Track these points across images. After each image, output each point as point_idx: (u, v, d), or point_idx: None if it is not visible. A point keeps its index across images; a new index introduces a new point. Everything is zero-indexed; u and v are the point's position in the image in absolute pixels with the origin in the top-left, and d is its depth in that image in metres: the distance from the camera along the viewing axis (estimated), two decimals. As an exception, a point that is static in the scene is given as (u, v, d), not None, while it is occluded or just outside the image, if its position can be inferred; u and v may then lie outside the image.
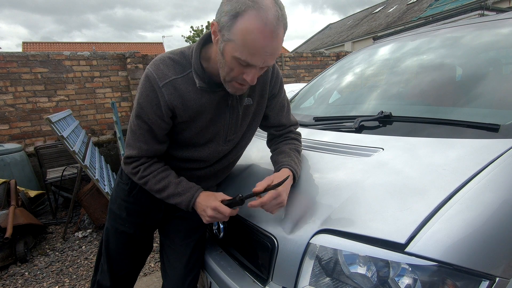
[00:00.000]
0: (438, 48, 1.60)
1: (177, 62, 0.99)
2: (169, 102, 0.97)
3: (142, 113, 0.99)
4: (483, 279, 0.66)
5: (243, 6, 0.79)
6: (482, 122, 0.99)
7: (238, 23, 0.79)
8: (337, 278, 0.79)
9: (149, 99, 0.97)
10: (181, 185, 1.06)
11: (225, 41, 0.83)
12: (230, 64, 0.87)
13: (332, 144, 1.18)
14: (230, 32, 0.81)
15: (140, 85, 0.99)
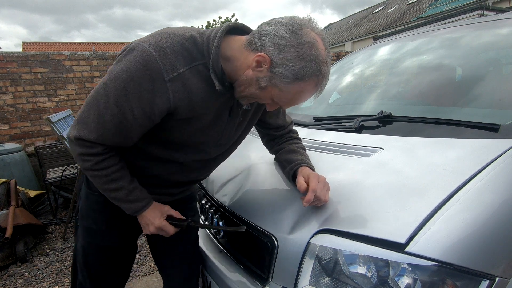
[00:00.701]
0: (438, 48, 1.60)
1: (187, 50, 0.84)
2: (173, 102, 0.83)
3: (125, 104, 0.80)
4: (483, 279, 0.66)
5: (310, 74, 0.79)
6: (482, 122, 0.99)
7: (297, 84, 0.81)
8: (337, 278, 0.79)
9: (144, 92, 0.80)
10: (134, 193, 0.96)
11: (273, 84, 0.81)
12: (262, 96, 0.86)
13: (332, 144, 1.18)
14: (284, 85, 0.81)
15: (133, 66, 0.78)
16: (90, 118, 0.84)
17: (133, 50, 0.80)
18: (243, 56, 0.83)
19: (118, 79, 0.79)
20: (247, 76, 0.84)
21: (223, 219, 1.18)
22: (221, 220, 1.18)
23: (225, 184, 1.26)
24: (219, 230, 1.21)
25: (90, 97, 0.85)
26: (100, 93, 0.82)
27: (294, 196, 0.98)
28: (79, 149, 0.88)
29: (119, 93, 0.80)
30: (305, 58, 0.78)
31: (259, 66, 0.81)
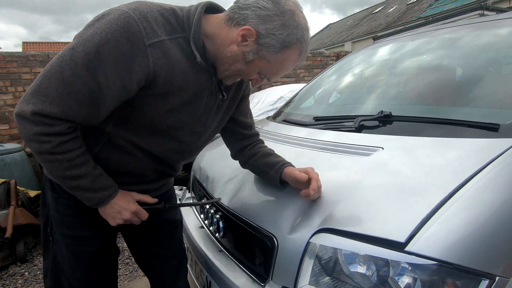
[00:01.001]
0: (438, 48, 1.60)
1: (167, 20, 0.80)
2: (152, 69, 0.77)
3: (98, 69, 0.72)
4: (483, 278, 0.66)
5: (296, 40, 0.81)
6: (482, 122, 0.99)
7: (284, 53, 0.82)
8: (337, 277, 0.79)
9: (121, 56, 0.73)
10: (99, 180, 0.85)
11: (260, 56, 0.82)
12: (249, 71, 0.86)
13: (332, 143, 1.18)
14: (272, 56, 0.82)
15: (109, 28, 0.72)
16: (51, 89, 0.72)
17: (108, 14, 0.74)
18: (224, 32, 0.82)
19: (89, 42, 0.71)
20: (231, 52, 0.82)
21: (224, 219, 1.18)
22: (220, 220, 1.19)
23: (225, 183, 1.26)
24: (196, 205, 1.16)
25: (50, 65, 0.73)
26: (65, 59, 0.72)
27: (294, 195, 0.98)
28: (36, 127, 0.74)
29: (91, 57, 0.71)
30: (290, 25, 0.79)
31: (245, 40, 0.80)
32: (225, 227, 1.18)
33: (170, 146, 0.95)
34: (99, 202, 0.87)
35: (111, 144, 0.89)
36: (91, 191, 0.85)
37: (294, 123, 1.60)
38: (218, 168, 1.42)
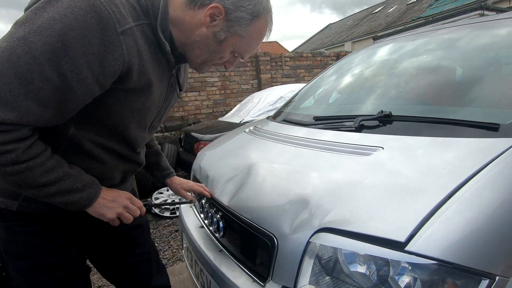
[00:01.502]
0: (438, 48, 1.60)
1: (131, 4, 0.72)
2: (127, 60, 0.69)
3: (64, 60, 0.62)
4: (483, 278, 0.66)
5: (263, 10, 0.80)
6: (482, 122, 0.99)
7: (254, 24, 0.80)
8: (337, 277, 0.79)
9: (90, 46, 0.63)
10: (80, 178, 0.76)
11: (232, 33, 0.79)
12: (223, 51, 0.83)
13: (332, 143, 1.18)
14: (244, 29, 0.79)
15: (71, 12, 0.61)
16: (3, 90, 0.60)
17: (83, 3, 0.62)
18: (189, 16, 0.77)
19: (47, 30, 0.60)
20: (201, 36, 0.78)
21: (223, 219, 1.18)
22: (221, 219, 1.19)
23: (225, 183, 1.26)
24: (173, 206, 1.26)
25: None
26: (16, 52, 0.59)
27: (293, 195, 0.98)
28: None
29: (53, 48, 0.61)
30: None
31: (213, 19, 0.77)
32: (225, 227, 1.18)
33: (130, 139, 0.87)
34: (88, 201, 0.77)
35: (74, 150, 0.78)
36: (75, 192, 0.74)
37: (294, 123, 1.60)
38: (218, 168, 1.42)
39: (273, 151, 1.33)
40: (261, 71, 7.17)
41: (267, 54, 7.29)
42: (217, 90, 6.83)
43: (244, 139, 1.60)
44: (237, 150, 1.52)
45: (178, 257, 2.57)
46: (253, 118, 4.00)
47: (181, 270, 2.34)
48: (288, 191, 1.01)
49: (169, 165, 1.24)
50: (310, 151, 1.18)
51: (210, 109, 6.83)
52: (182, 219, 1.58)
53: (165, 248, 2.75)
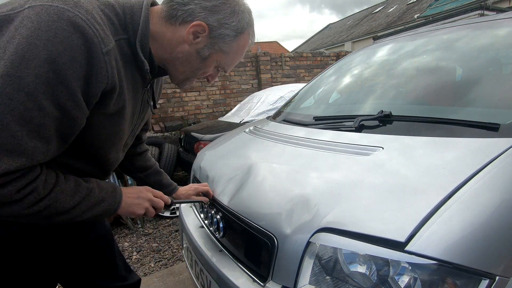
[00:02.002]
0: (438, 48, 1.60)
1: (109, 19, 0.68)
2: (111, 81, 0.65)
3: (58, 90, 0.58)
4: (483, 278, 0.66)
5: (246, 25, 0.79)
6: (482, 122, 0.99)
7: (238, 40, 0.79)
8: (337, 277, 0.79)
9: (81, 68, 0.60)
10: (101, 187, 0.76)
11: (216, 50, 0.78)
12: (207, 67, 0.82)
13: (332, 143, 1.18)
14: (228, 45, 0.79)
15: (54, 35, 0.56)
16: (4, 137, 0.55)
17: (38, 15, 0.56)
18: (169, 32, 0.75)
19: (33, 61, 0.55)
20: (183, 53, 0.76)
21: (223, 219, 1.18)
22: (221, 220, 1.19)
23: (225, 183, 1.26)
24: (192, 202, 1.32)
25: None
26: (6, 92, 0.54)
27: (293, 195, 0.98)
28: (9, 187, 0.58)
29: (46, 79, 0.56)
30: (238, 11, 0.76)
31: (196, 37, 0.74)
32: (225, 227, 1.18)
33: (104, 162, 0.84)
34: (116, 205, 0.78)
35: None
36: (102, 202, 0.74)
37: (294, 122, 1.60)
38: (218, 168, 1.42)
39: (273, 151, 1.33)
40: (261, 71, 7.17)
41: (267, 54, 7.29)
42: (217, 90, 6.83)
43: (244, 139, 1.61)
44: (237, 150, 1.52)
45: (178, 257, 2.57)
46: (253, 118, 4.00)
47: (181, 270, 2.34)
48: (288, 191, 1.01)
49: (170, 180, 1.25)
50: (310, 151, 1.18)
51: (210, 109, 6.83)
52: (182, 219, 1.58)
53: (165, 248, 2.75)
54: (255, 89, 7.14)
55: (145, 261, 2.56)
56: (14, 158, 0.57)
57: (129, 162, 1.15)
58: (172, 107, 6.39)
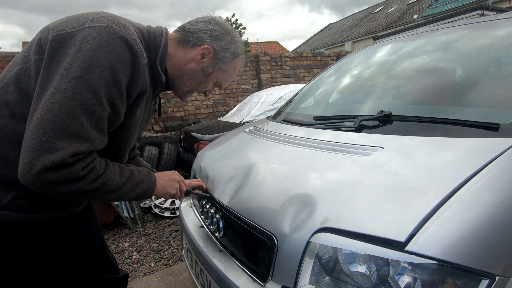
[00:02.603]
0: (438, 48, 1.60)
1: (141, 39, 0.85)
2: (145, 84, 0.83)
3: (114, 90, 0.75)
4: (483, 278, 0.66)
5: (240, 51, 1.02)
6: (482, 121, 0.99)
7: (234, 62, 1.01)
8: (337, 277, 0.79)
9: (129, 75, 0.78)
10: (139, 170, 0.92)
11: (217, 68, 0.99)
12: (208, 82, 1.01)
13: (332, 143, 1.18)
14: (226, 65, 1.00)
15: (112, 49, 0.74)
16: (75, 126, 0.71)
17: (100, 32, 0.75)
18: (181, 53, 0.95)
19: (97, 67, 0.72)
20: (191, 70, 0.96)
21: (223, 219, 1.18)
22: (221, 219, 1.19)
23: (225, 183, 1.26)
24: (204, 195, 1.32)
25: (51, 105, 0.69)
26: (78, 90, 0.70)
27: (293, 195, 0.98)
28: (77, 164, 0.73)
29: (106, 82, 0.74)
30: (234, 40, 0.99)
31: (203, 57, 0.95)
32: (225, 227, 1.18)
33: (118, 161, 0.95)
34: (153, 187, 0.95)
35: None
36: (142, 182, 0.91)
37: (294, 122, 1.60)
38: (218, 167, 1.42)
39: (273, 151, 1.33)
40: (261, 71, 7.17)
41: (267, 54, 7.29)
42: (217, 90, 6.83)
43: (244, 139, 1.61)
44: (237, 150, 1.52)
45: (178, 257, 2.57)
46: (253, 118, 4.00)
47: (181, 270, 2.34)
48: (288, 191, 1.01)
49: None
50: (310, 151, 1.18)
51: (210, 109, 6.83)
52: (182, 219, 1.58)
53: (165, 248, 2.75)
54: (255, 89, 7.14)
55: (145, 261, 2.56)
56: (82, 143, 0.73)
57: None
58: (172, 107, 6.39)
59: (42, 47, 0.76)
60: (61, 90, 0.70)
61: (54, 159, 0.69)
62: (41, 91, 0.72)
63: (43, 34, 0.78)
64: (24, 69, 0.78)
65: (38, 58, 0.76)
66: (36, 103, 0.71)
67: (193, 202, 1.67)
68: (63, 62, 0.72)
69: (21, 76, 0.78)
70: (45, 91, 0.71)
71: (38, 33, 0.81)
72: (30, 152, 0.69)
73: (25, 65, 0.78)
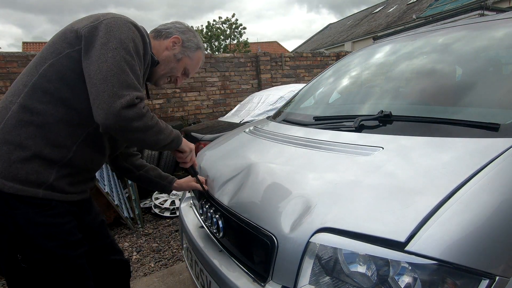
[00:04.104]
0: (438, 48, 1.60)
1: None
2: (151, 56, 1.09)
3: (137, 54, 0.99)
4: (483, 278, 0.66)
5: (201, 45, 1.26)
6: (482, 122, 0.99)
7: (197, 52, 1.24)
8: (337, 277, 0.79)
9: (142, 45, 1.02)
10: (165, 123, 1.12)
11: (185, 55, 1.20)
12: (179, 68, 1.21)
13: (332, 143, 1.18)
14: (192, 53, 1.22)
15: (133, 32, 0.99)
16: (128, 78, 0.93)
17: (117, 20, 0.98)
18: (156, 43, 1.17)
19: (126, 39, 0.96)
20: (165, 56, 1.17)
21: (223, 219, 1.18)
22: (220, 219, 1.19)
23: (225, 183, 1.26)
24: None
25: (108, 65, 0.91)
26: (122, 55, 0.93)
27: (293, 195, 0.98)
28: (139, 105, 0.95)
29: (133, 46, 0.98)
30: (196, 36, 1.24)
31: (174, 45, 1.18)
32: (225, 227, 1.18)
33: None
34: (181, 137, 1.17)
35: (88, 141, 1.03)
36: (172, 132, 1.11)
37: (294, 122, 1.60)
38: (218, 168, 1.42)
39: (273, 151, 1.33)
40: (261, 71, 7.17)
41: (267, 54, 7.29)
42: (217, 90, 6.82)
43: (244, 139, 1.61)
44: (237, 150, 1.52)
45: (178, 257, 2.57)
46: (253, 118, 4.00)
47: (181, 270, 2.34)
48: (288, 191, 1.01)
49: (165, 174, 1.45)
50: (310, 151, 1.18)
51: (210, 109, 6.83)
52: (182, 219, 1.58)
53: (165, 248, 2.75)
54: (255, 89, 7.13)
55: (145, 261, 2.56)
56: (137, 91, 0.95)
57: (129, 163, 1.36)
58: (172, 107, 6.39)
59: (71, 43, 0.96)
60: (109, 57, 0.91)
61: (127, 100, 0.91)
62: (89, 64, 0.92)
63: (67, 34, 0.97)
64: (58, 61, 0.95)
65: (70, 51, 0.95)
66: (89, 71, 0.91)
67: (193, 202, 1.67)
68: (97, 43, 0.93)
69: (56, 66, 0.95)
70: (93, 62, 0.91)
71: (59, 36, 0.99)
72: (107, 100, 0.89)
73: (57, 57, 0.96)
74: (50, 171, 0.96)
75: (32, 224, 0.94)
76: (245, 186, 1.15)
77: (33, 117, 0.94)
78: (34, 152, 0.93)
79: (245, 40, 19.57)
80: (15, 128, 0.93)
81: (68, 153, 0.98)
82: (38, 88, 0.95)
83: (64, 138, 0.97)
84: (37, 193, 0.93)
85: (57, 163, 0.97)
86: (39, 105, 0.94)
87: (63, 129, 0.97)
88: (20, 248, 0.95)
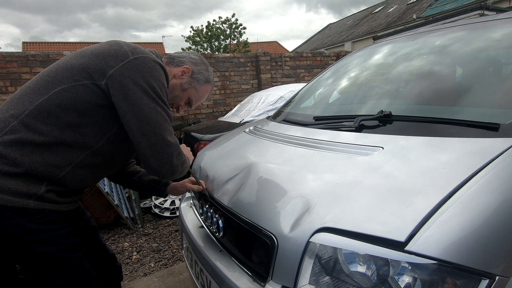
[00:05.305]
0: (438, 48, 1.60)
1: None
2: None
3: (167, 95, 1.07)
4: (483, 278, 0.66)
5: (211, 79, 1.30)
6: (482, 121, 0.99)
7: (206, 85, 1.28)
8: (337, 277, 0.79)
9: (165, 83, 1.07)
10: None
11: (193, 86, 1.25)
12: (183, 97, 1.25)
13: (332, 143, 1.18)
14: (199, 86, 1.26)
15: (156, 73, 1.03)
16: (169, 127, 1.05)
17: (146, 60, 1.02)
18: (167, 70, 1.15)
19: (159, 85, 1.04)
20: (171, 84, 1.20)
21: (223, 219, 1.18)
22: (220, 219, 1.19)
23: (225, 183, 1.26)
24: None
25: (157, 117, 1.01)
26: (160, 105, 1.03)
27: (293, 195, 0.98)
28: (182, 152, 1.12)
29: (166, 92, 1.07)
30: (208, 69, 1.29)
31: (183, 75, 1.22)
32: (225, 227, 1.18)
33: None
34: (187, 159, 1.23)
35: (84, 163, 1.03)
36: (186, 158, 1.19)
37: (294, 122, 1.60)
38: (218, 168, 1.42)
39: (273, 151, 1.33)
40: (261, 71, 7.17)
41: (267, 54, 7.29)
42: (217, 90, 6.82)
43: (244, 139, 1.61)
44: (237, 150, 1.52)
45: (178, 257, 2.57)
46: (253, 118, 4.00)
47: (181, 270, 2.34)
48: (288, 191, 1.01)
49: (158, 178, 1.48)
50: (310, 151, 1.18)
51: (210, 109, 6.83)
52: (182, 219, 1.58)
53: (165, 248, 2.75)
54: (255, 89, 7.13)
55: (145, 261, 2.56)
56: (174, 138, 1.07)
57: (121, 171, 1.37)
58: (172, 107, 6.39)
59: (92, 76, 0.97)
60: (152, 108, 1.00)
61: (177, 151, 1.08)
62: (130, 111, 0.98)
63: (90, 66, 0.97)
64: (73, 88, 0.96)
65: (89, 82, 0.97)
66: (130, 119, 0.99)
67: (193, 202, 1.67)
68: (133, 90, 0.98)
69: (71, 93, 0.96)
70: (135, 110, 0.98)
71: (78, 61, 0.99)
72: (161, 151, 1.03)
73: (73, 84, 0.96)
74: (39, 186, 0.95)
75: (28, 232, 0.93)
76: (245, 186, 1.15)
77: (35, 136, 0.93)
78: (27, 169, 0.92)
79: (245, 40, 19.56)
80: (12, 144, 0.91)
81: (60, 172, 0.98)
82: (45, 109, 0.94)
83: (61, 158, 0.97)
84: (28, 204, 0.92)
85: (46, 180, 0.96)
86: (43, 126, 0.94)
87: (63, 150, 0.97)
88: (18, 259, 0.95)
